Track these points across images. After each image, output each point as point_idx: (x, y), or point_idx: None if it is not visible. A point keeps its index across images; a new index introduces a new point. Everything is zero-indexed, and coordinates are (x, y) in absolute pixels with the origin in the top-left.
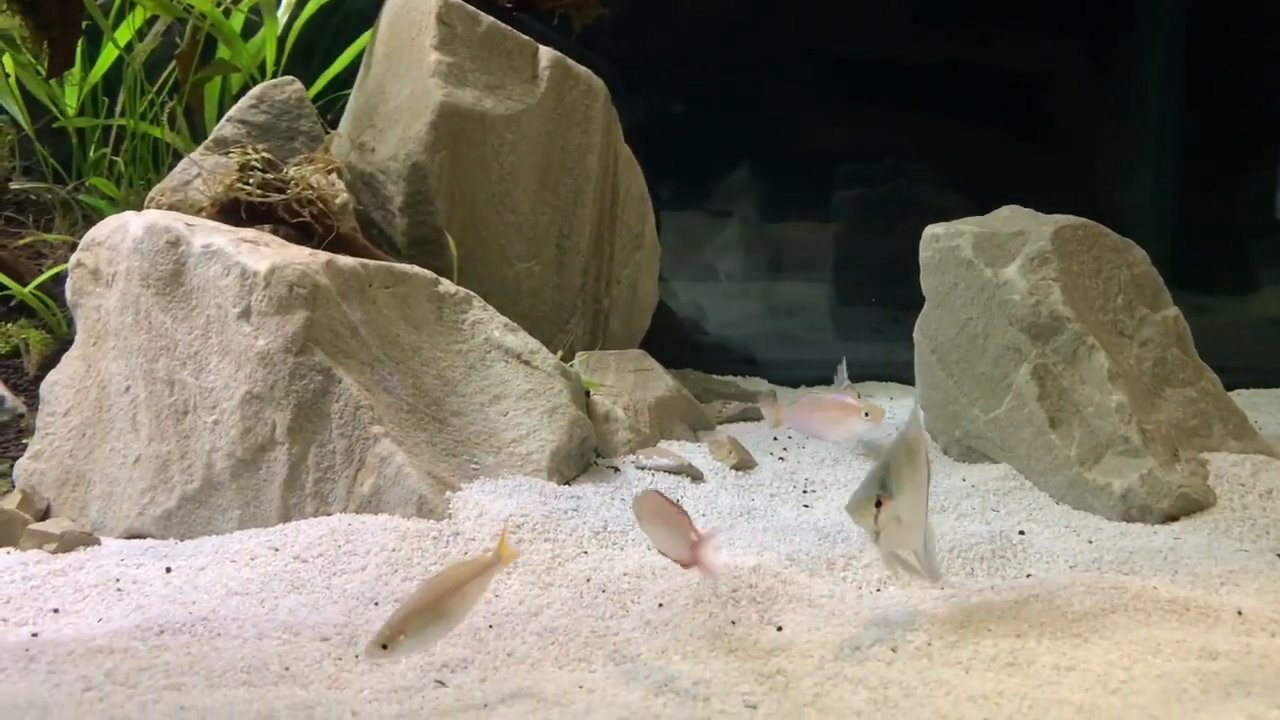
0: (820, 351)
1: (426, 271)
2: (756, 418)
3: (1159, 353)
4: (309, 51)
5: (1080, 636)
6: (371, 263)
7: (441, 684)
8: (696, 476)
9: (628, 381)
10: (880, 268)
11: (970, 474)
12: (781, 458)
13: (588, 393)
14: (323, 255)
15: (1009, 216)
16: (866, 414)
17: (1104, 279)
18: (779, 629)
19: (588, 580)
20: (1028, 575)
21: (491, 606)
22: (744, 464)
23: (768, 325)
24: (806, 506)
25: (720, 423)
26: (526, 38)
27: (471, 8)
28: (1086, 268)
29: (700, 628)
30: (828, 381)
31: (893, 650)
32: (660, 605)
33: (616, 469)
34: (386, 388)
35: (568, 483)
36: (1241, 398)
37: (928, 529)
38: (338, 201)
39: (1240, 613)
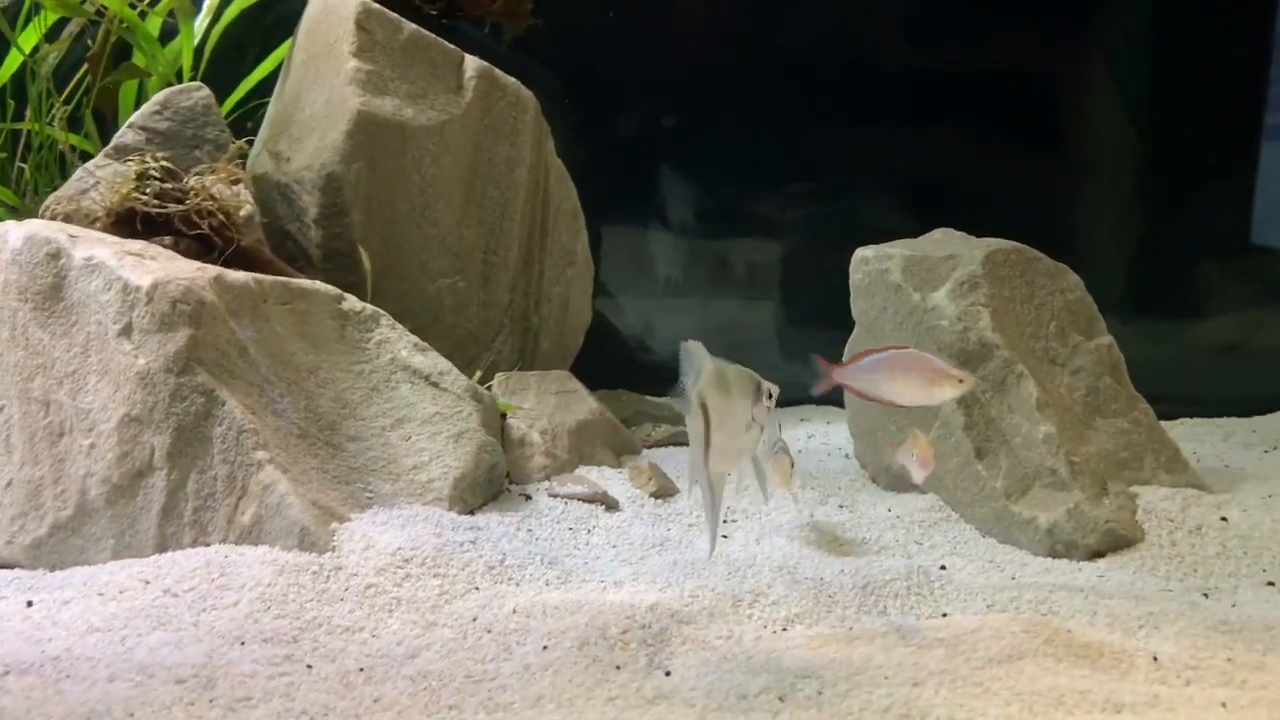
0: (767, 372)
1: (329, 288)
2: (686, 442)
3: (1091, 382)
4: (241, 55)
5: (981, 686)
6: (267, 278)
7: None
8: (611, 505)
9: (548, 404)
10: (827, 288)
11: (897, 504)
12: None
13: (504, 416)
14: (211, 270)
15: (941, 240)
16: (960, 380)
17: (1036, 305)
18: (667, 674)
19: (474, 619)
20: (943, 615)
21: (367, 647)
22: (664, 491)
23: (712, 345)
24: (725, 537)
25: (650, 446)
26: (452, 46)
27: (394, 15)
28: (1018, 293)
29: (582, 673)
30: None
31: (780, 699)
32: (545, 648)
33: (528, 496)
34: (276, 410)
35: (472, 512)
36: (1183, 427)
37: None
38: (242, 213)
39: (1156, 658)
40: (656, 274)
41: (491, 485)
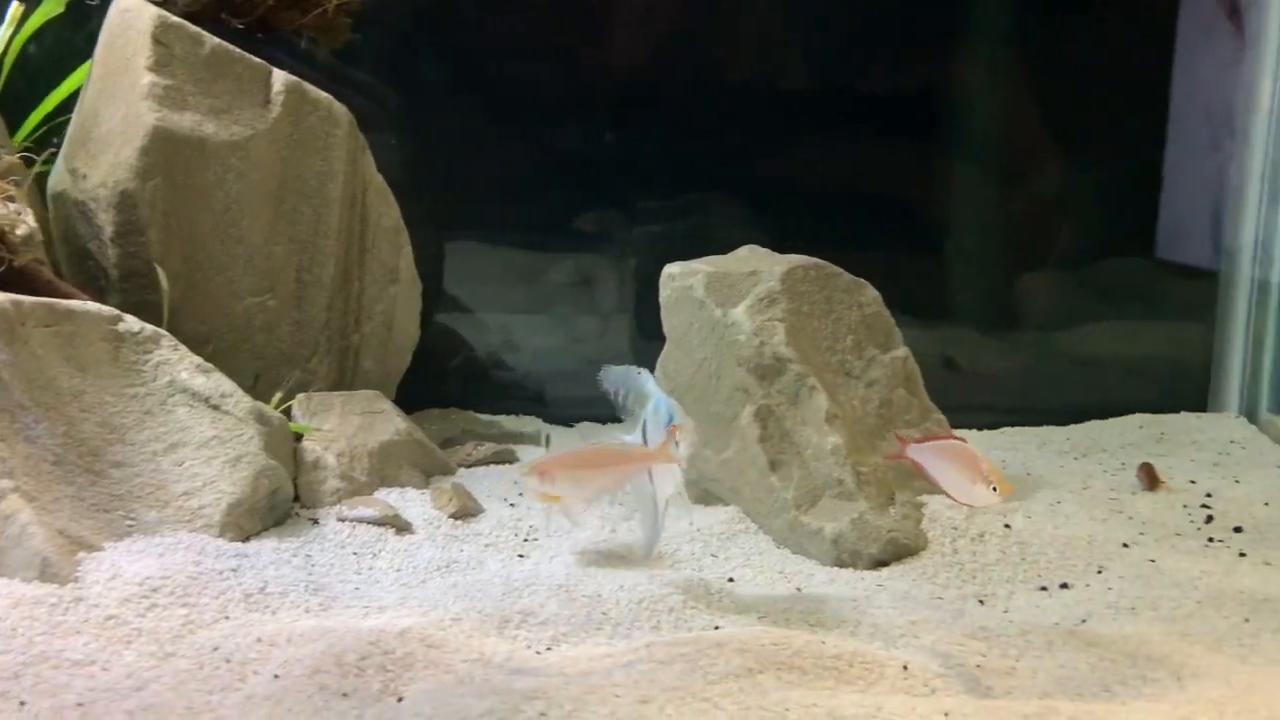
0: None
1: (104, 308)
2: (510, 460)
3: (885, 394)
4: (61, 69)
5: (710, 702)
6: (29, 300)
7: None
8: (403, 528)
9: (351, 425)
10: None
11: (699, 517)
12: (513, 504)
13: (300, 438)
14: None
15: (746, 256)
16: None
17: (834, 319)
18: (399, 700)
19: (215, 649)
20: (715, 628)
21: (93, 681)
22: (465, 511)
23: (557, 363)
24: (521, 556)
25: (469, 465)
26: (259, 61)
27: (195, 28)
28: (817, 308)
29: (304, 702)
30: (616, 419)
31: None
32: (276, 676)
33: (316, 521)
34: (28, 437)
35: (247, 539)
36: (1004, 436)
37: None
38: (19, 232)
39: (906, 667)
40: (504, 290)
41: (274, 511)
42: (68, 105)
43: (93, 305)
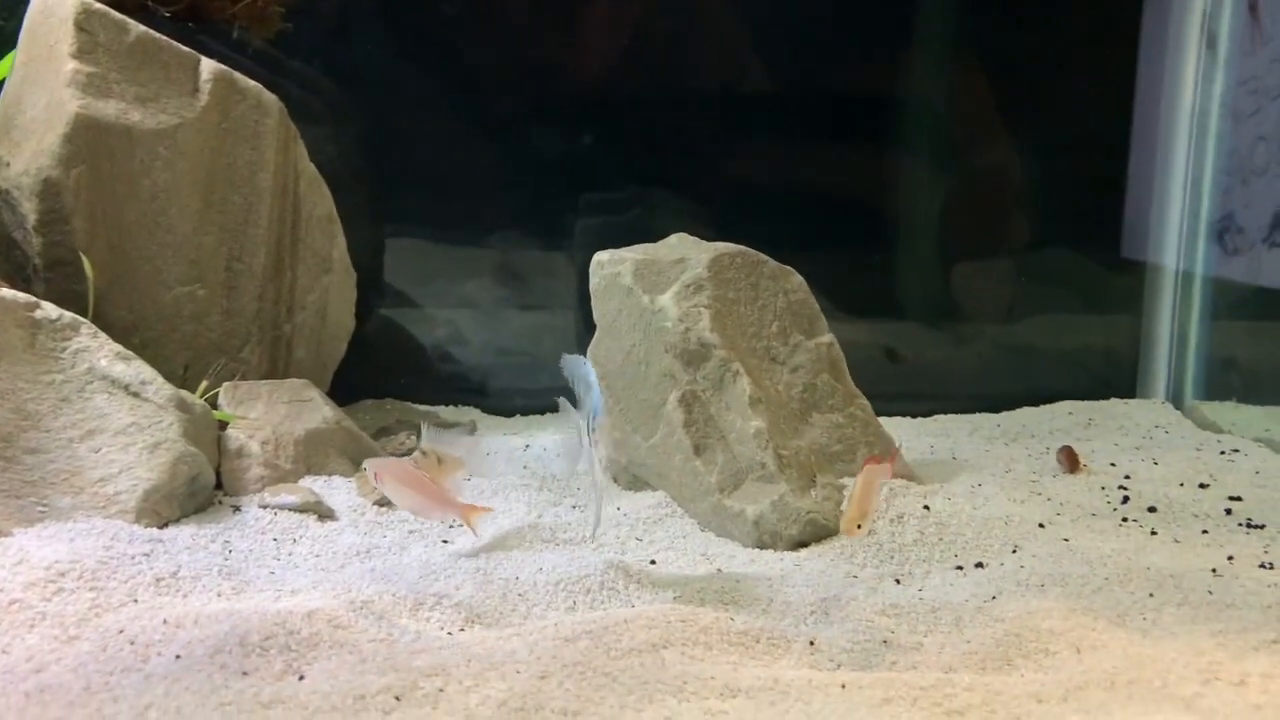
0: (557, 380)
1: (20, 295)
2: None
3: (809, 378)
4: None
5: (609, 676)
6: None
7: None
8: (326, 514)
9: (277, 413)
10: None
11: (627, 502)
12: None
13: (225, 426)
14: None
15: (675, 244)
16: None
17: (760, 306)
18: (301, 678)
19: (120, 632)
20: (631, 607)
21: None
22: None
23: (500, 354)
24: (445, 542)
25: (401, 455)
26: (187, 49)
27: (120, 16)
28: (743, 295)
29: (204, 681)
30: (553, 410)
31: (397, 699)
32: (178, 657)
33: (238, 508)
34: None
35: (164, 525)
36: (936, 423)
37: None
38: None
39: (813, 643)
40: (444, 283)
41: (194, 498)
42: None
43: (7, 292)
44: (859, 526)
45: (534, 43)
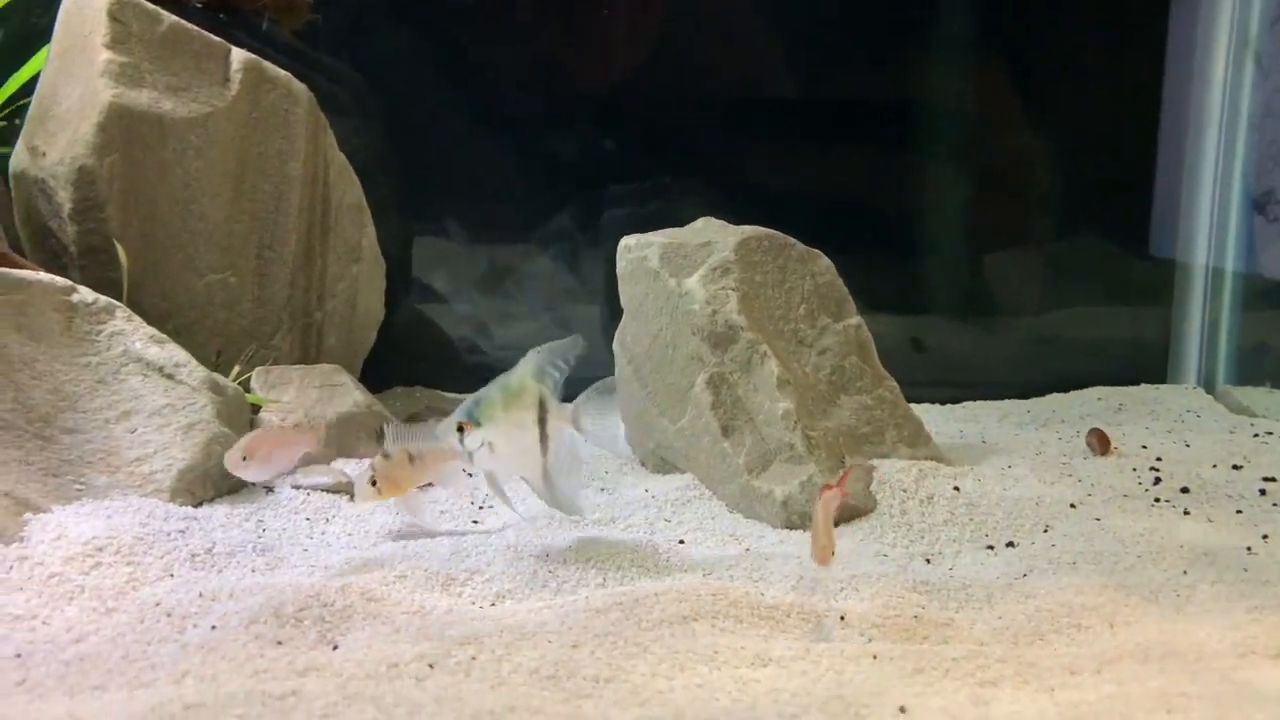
0: (583, 369)
1: (57, 279)
2: None
3: (837, 361)
4: (24, 53)
5: (640, 646)
6: None
7: None
8: None
9: (309, 397)
10: None
11: (655, 485)
12: (471, 474)
13: (258, 410)
14: None
15: (701, 228)
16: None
17: (787, 289)
18: (334, 648)
19: (157, 604)
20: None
21: (33, 634)
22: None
23: (525, 344)
24: (475, 522)
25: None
26: (217, 39)
27: (152, 6)
28: (771, 277)
29: (239, 649)
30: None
31: (430, 667)
32: (214, 628)
33: (271, 489)
34: None
35: (200, 504)
36: (966, 409)
37: (558, 465)
38: None
39: (843, 617)
40: (473, 272)
41: (227, 478)
42: (30, 88)
43: (45, 276)
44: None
45: (560, 38)
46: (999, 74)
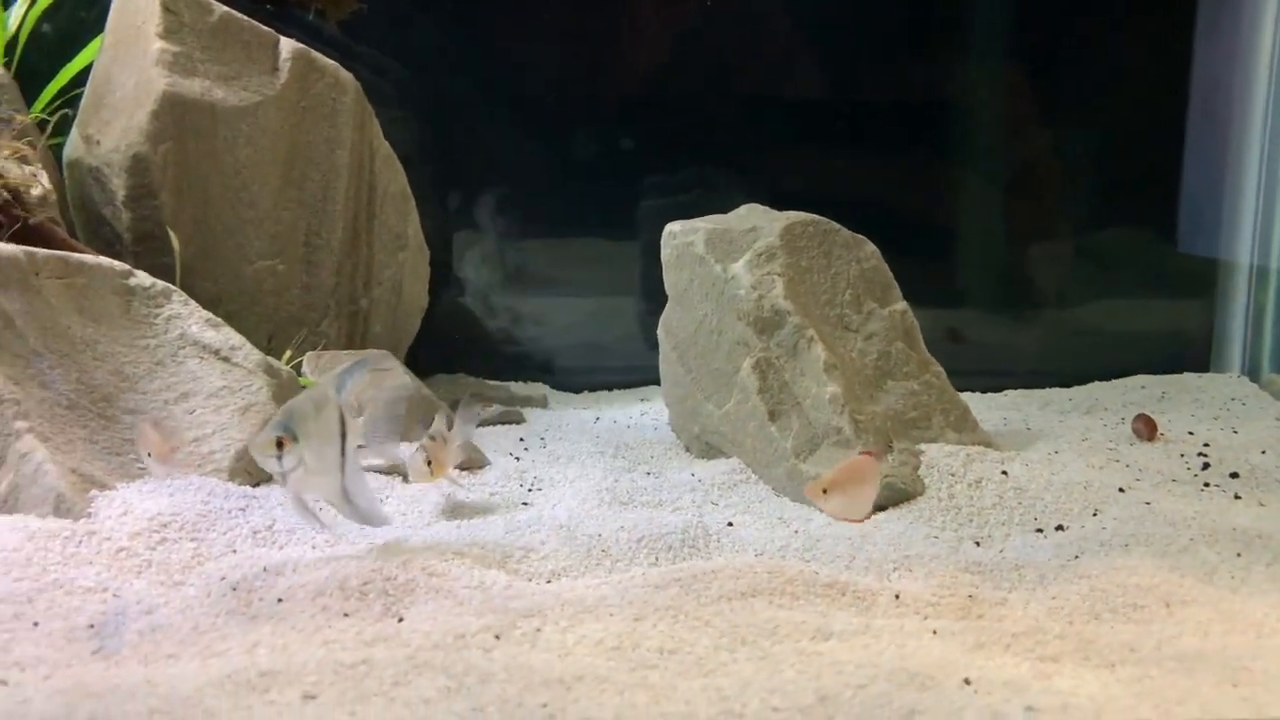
0: (622, 359)
1: (115, 263)
2: (517, 420)
3: (883, 346)
4: (78, 41)
5: (701, 620)
6: (42, 252)
7: (3, 683)
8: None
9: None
10: None
11: (701, 469)
12: (519, 457)
13: None
14: None
15: (745, 214)
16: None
17: (833, 274)
18: (400, 620)
19: (222, 579)
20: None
21: (105, 606)
22: (472, 464)
23: (566, 333)
24: (525, 504)
25: (477, 425)
26: (266, 28)
27: None
28: (816, 263)
29: (307, 621)
30: (623, 386)
31: (496, 638)
32: (280, 600)
33: None
34: (43, 382)
35: (257, 484)
36: (1006, 397)
37: (353, 480)
38: (34, 192)
39: (898, 596)
40: (516, 263)
41: None
42: (81, 80)
43: (105, 260)
44: (824, 491)
45: (600, 30)
46: (1043, 70)
